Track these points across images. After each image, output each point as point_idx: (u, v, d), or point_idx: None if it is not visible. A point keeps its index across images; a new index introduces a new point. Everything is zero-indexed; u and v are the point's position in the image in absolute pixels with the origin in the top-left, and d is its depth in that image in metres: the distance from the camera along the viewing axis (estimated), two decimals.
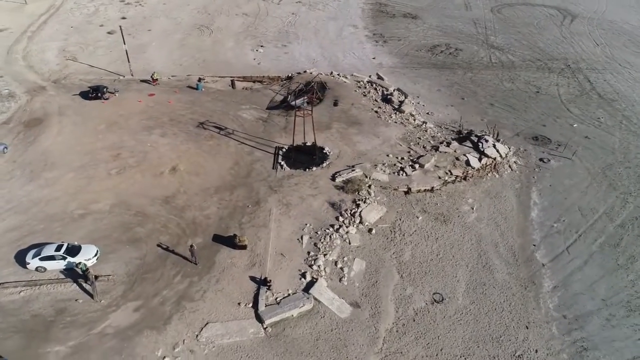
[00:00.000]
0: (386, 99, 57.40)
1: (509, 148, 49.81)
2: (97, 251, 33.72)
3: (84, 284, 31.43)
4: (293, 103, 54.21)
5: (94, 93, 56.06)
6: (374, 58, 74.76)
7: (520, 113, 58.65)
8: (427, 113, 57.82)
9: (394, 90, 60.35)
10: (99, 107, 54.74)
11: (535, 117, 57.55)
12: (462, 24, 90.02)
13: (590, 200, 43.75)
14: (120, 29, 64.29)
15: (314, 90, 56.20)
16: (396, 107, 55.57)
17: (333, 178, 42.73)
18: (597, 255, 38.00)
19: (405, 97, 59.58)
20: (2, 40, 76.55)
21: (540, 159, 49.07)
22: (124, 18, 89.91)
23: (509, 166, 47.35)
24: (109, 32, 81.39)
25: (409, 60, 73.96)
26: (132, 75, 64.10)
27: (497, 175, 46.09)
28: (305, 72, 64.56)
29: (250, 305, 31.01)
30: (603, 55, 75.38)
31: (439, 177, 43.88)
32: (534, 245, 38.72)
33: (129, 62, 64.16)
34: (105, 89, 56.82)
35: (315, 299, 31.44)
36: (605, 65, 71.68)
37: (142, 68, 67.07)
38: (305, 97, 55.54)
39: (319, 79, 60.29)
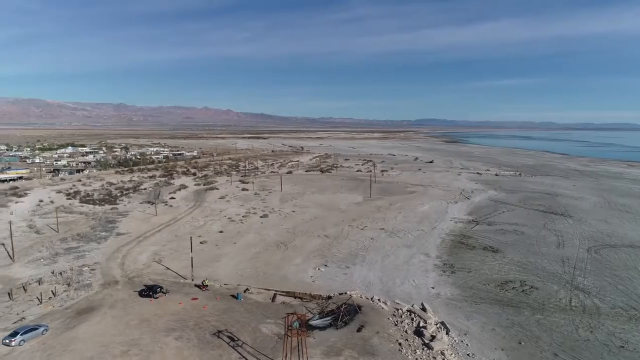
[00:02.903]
0: (418, 332, 51.92)
1: None
2: None
3: None
4: (312, 323, 52.45)
5: (147, 291, 61.99)
6: (432, 287, 71.03)
7: None
8: (468, 354, 50.01)
9: (435, 324, 54.75)
10: (144, 305, 59.54)
11: None
12: (547, 262, 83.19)
13: None
14: (190, 239, 73.96)
15: (339, 314, 54.32)
16: (426, 341, 49.54)
17: None
18: None
19: (447, 333, 53.30)
20: (118, 241, 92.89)
21: None
22: (221, 232, 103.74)
23: None
24: (201, 242, 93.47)
25: (471, 294, 68.35)
26: (192, 279, 70.18)
27: None
28: (345, 293, 63.45)
29: None
30: None
31: None
32: None
33: (192, 267, 71.24)
34: (158, 289, 62.55)
35: None
36: None
37: (206, 274, 73.49)
38: (329, 318, 53.68)
39: (352, 302, 58.39)
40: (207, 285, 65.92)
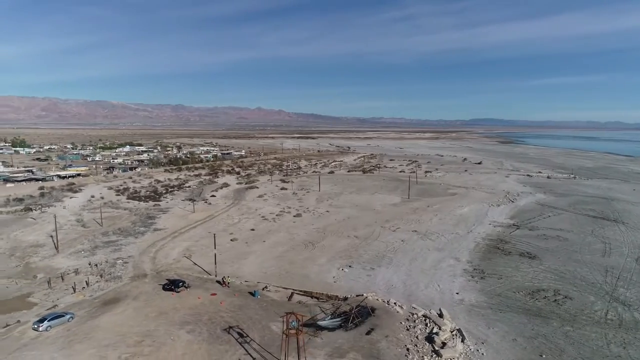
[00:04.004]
0: (430, 338, 50.26)
1: None
2: None
3: None
4: (321, 323, 52.27)
5: (170, 285, 64.32)
6: (457, 293, 68.56)
7: None
8: None
9: (450, 331, 52.79)
10: (165, 298, 61.83)
11: None
12: (588, 270, 77.96)
13: None
14: (214, 236, 75.77)
15: (350, 315, 53.77)
16: (436, 348, 47.86)
17: None
18: None
19: (462, 341, 51.24)
20: (154, 236, 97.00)
21: None
22: (253, 230, 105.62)
23: None
24: (231, 240, 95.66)
25: (497, 301, 65.29)
26: (215, 275, 71.96)
27: None
28: (362, 295, 62.56)
29: None
30: None
31: None
32: None
33: (215, 264, 73.07)
34: (180, 283, 64.74)
35: None
36: None
37: (231, 271, 75.18)
38: (339, 319, 53.25)
39: (365, 304, 57.51)
40: (227, 282, 67.29)
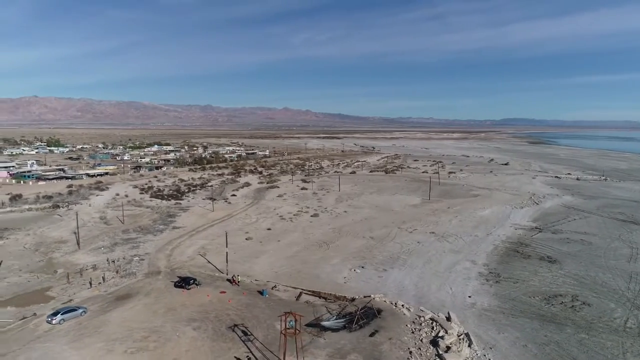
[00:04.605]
0: (435, 342, 49.38)
1: None
2: None
3: None
4: (324, 323, 52.13)
5: (181, 283, 65.44)
6: (469, 296, 67.13)
7: None
8: None
9: (457, 335, 51.73)
10: (175, 295, 62.92)
11: None
12: (610, 276, 75.04)
13: None
14: (226, 234, 76.34)
15: (355, 316, 53.45)
16: (440, 352, 46.97)
17: None
18: None
19: (469, 345, 50.15)
20: (172, 234, 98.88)
21: None
22: (269, 229, 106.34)
23: None
24: (247, 239, 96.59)
25: (511, 306, 63.57)
26: (226, 273, 72.76)
27: None
28: (369, 296, 62.03)
29: None
30: None
31: None
32: None
33: (226, 262, 73.87)
34: (191, 281, 65.76)
35: None
36: None
37: (243, 270, 75.83)
38: (342, 320, 53.01)
39: (371, 305, 56.96)
40: (237, 281, 67.94)
